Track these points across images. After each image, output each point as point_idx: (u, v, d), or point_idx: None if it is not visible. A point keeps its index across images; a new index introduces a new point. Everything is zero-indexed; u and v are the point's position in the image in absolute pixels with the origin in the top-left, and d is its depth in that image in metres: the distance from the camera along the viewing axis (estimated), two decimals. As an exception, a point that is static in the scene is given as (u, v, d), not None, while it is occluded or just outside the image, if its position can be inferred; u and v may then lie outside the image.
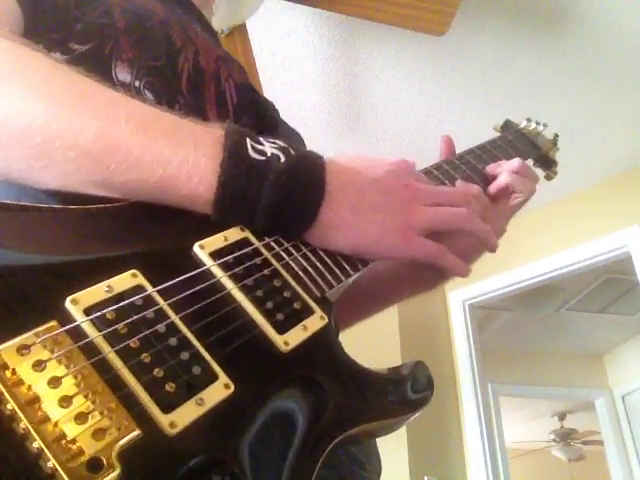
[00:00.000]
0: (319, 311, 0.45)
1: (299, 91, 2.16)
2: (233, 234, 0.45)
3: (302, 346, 0.42)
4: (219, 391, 0.36)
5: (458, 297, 2.97)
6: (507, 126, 0.83)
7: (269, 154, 0.45)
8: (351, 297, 0.68)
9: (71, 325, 0.34)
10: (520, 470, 5.09)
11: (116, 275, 0.38)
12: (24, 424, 0.29)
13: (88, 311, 0.35)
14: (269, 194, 0.43)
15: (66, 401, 0.30)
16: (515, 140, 0.77)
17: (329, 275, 0.48)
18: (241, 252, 0.45)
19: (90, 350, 0.33)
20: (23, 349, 0.31)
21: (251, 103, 0.70)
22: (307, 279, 0.47)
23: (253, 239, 0.46)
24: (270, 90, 1.57)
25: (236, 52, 1.59)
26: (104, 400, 0.31)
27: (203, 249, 0.43)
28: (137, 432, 0.31)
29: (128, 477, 0.30)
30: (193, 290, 0.40)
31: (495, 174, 0.66)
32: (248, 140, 0.45)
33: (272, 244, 0.47)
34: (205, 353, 0.37)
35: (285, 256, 0.47)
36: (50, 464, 0.28)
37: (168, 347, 0.36)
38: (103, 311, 0.35)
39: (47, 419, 0.29)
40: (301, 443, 0.38)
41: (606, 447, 4.39)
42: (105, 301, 0.36)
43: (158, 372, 0.34)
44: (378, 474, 0.60)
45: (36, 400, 0.30)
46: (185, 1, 0.75)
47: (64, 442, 0.29)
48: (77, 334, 0.33)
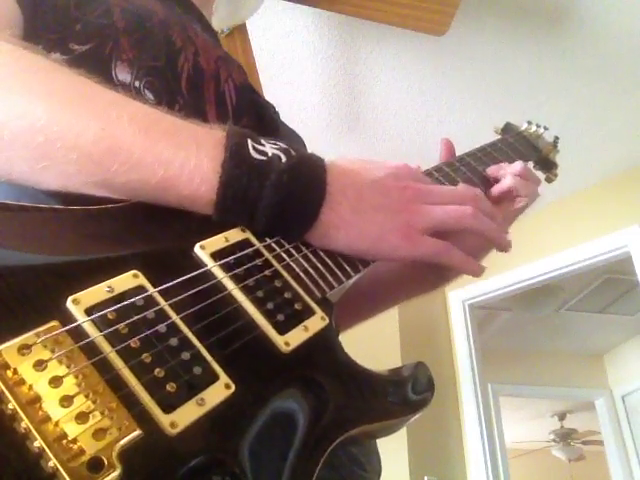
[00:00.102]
0: (320, 312, 0.45)
1: (299, 91, 2.16)
2: (234, 235, 0.45)
3: (303, 347, 0.42)
4: (220, 391, 0.36)
5: (458, 297, 2.97)
6: (508, 129, 0.83)
7: (270, 154, 0.45)
8: (352, 298, 0.68)
9: (72, 325, 0.34)
10: (520, 470, 5.09)
11: (117, 275, 0.38)
12: (25, 424, 0.29)
13: (89, 311, 0.35)
14: (270, 194, 0.44)
15: (67, 401, 0.30)
16: (516, 142, 0.77)
17: (330, 276, 0.48)
18: (242, 253, 0.45)
19: (91, 350, 0.33)
20: (24, 349, 0.31)
21: (251, 104, 0.70)
22: (308, 280, 0.47)
23: (254, 240, 0.46)
24: (270, 90, 1.57)
25: (236, 52, 1.59)
26: (105, 400, 0.31)
27: (204, 250, 0.43)
28: (138, 432, 0.31)
29: (129, 477, 0.30)
30: (194, 291, 0.40)
31: (497, 176, 0.66)
32: (249, 141, 0.45)
33: (273, 245, 0.47)
34: (206, 353, 0.37)
35: (286, 257, 0.47)
36: (51, 464, 0.28)
37: (169, 347, 0.36)
38: (104, 311, 0.35)
39: (48, 419, 0.29)
40: (302, 444, 0.38)
41: (606, 447, 4.39)
42: (106, 301, 0.36)
43: (159, 372, 0.34)
44: (378, 474, 0.60)
45: (37, 400, 0.30)
46: (185, 1, 0.75)
47: (65, 442, 0.29)
48: (78, 334, 0.34)
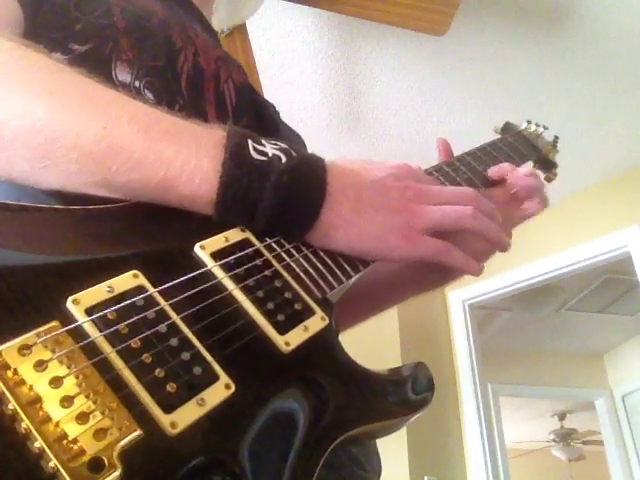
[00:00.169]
0: (320, 312, 0.45)
1: (299, 91, 2.16)
2: (234, 235, 0.45)
3: (303, 347, 0.42)
4: (220, 391, 0.36)
5: (458, 297, 2.97)
6: (507, 128, 0.83)
7: (270, 155, 0.45)
8: (352, 298, 0.68)
9: (72, 325, 0.34)
10: (520, 470, 5.09)
11: (117, 275, 0.38)
12: (25, 424, 0.29)
13: (89, 311, 0.35)
14: (270, 194, 0.43)
15: (67, 401, 0.30)
16: (515, 142, 0.77)
17: (330, 276, 0.48)
18: (242, 253, 0.45)
19: (91, 350, 0.33)
20: (24, 349, 0.31)
21: (251, 104, 0.70)
22: (308, 280, 0.47)
23: (254, 240, 0.46)
24: (270, 90, 1.57)
25: (236, 52, 1.59)
26: (105, 400, 0.31)
27: (204, 250, 0.43)
28: (138, 432, 0.31)
29: (129, 477, 0.30)
30: (194, 291, 0.40)
31: (500, 177, 0.66)
32: (249, 141, 0.45)
33: (273, 245, 0.47)
34: (206, 353, 0.37)
35: (286, 257, 0.47)
36: (51, 464, 0.28)
37: (169, 347, 0.36)
38: (104, 311, 0.35)
39: (48, 419, 0.29)
40: (302, 444, 0.37)
41: (606, 447, 4.39)
42: (106, 301, 0.36)
43: (159, 372, 0.34)
44: (378, 474, 0.60)
45: (37, 400, 0.30)
46: (185, 1, 0.75)
47: (65, 442, 0.29)
48: (78, 334, 0.34)
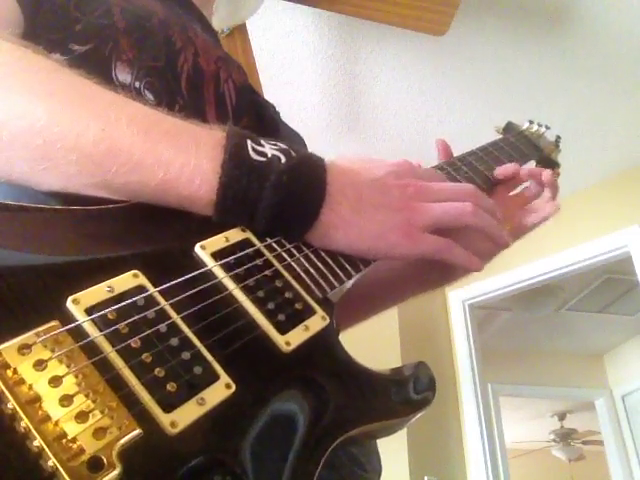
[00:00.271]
0: (321, 311, 0.45)
1: (299, 91, 2.16)
2: (234, 235, 0.45)
3: (304, 346, 0.42)
4: (220, 391, 0.36)
5: (458, 297, 2.97)
6: (509, 128, 0.83)
7: (269, 155, 0.45)
8: (353, 298, 0.68)
9: (72, 325, 0.34)
10: (520, 470, 5.08)
11: (118, 275, 0.38)
12: (25, 423, 0.29)
13: (89, 311, 0.35)
14: (270, 195, 0.43)
15: (67, 400, 0.30)
16: (517, 142, 0.77)
17: (331, 276, 0.48)
18: (242, 253, 0.45)
19: (91, 350, 0.33)
20: (24, 348, 0.31)
21: (251, 104, 0.70)
22: (309, 280, 0.47)
23: (254, 240, 0.46)
24: (270, 90, 1.57)
25: (236, 52, 1.59)
26: (105, 399, 0.31)
27: (204, 250, 0.43)
28: (138, 431, 0.31)
29: (128, 476, 0.30)
30: (194, 290, 0.40)
31: (505, 177, 0.66)
32: (249, 142, 0.45)
33: (274, 245, 0.47)
34: (206, 353, 0.37)
35: (287, 257, 0.47)
36: (50, 463, 0.28)
37: (169, 347, 0.36)
38: (104, 311, 0.35)
39: (48, 418, 0.29)
40: (302, 444, 0.37)
41: (606, 447, 4.39)
42: (106, 301, 0.36)
43: (159, 372, 0.34)
44: (378, 474, 0.60)
45: (37, 399, 0.30)
46: (185, 1, 0.75)
47: (65, 441, 0.29)
48: (78, 334, 0.33)
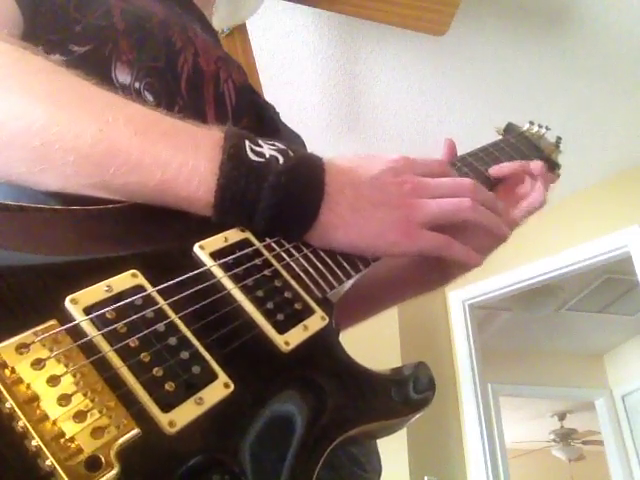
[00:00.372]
0: (320, 311, 0.45)
1: (299, 91, 2.16)
2: (233, 235, 0.45)
3: (303, 346, 0.42)
4: (219, 390, 0.36)
5: (458, 297, 2.97)
6: (509, 129, 0.83)
7: (268, 156, 0.45)
8: (352, 298, 0.68)
9: (70, 324, 0.34)
10: (520, 470, 5.08)
11: (116, 275, 0.38)
12: (23, 422, 0.29)
13: (88, 310, 0.35)
14: (268, 195, 0.43)
15: (65, 399, 0.30)
16: (518, 143, 0.77)
17: (330, 276, 0.48)
18: (241, 253, 0.45)
19: (89, 349, 0.33)
20: (22, 348, 0.31)
21: (251, 104, 0.70)
22: (308, 280, 0.47)
23: (254, 240, 0.46)
24: (270, 90, 1.57)
25: (236, 52, 1.59)
26: (103, 399, 0.31)
27: (203, 250, 0.43)
28: (136, 431, 0.31)
29: (127, 476, 0.30)
30: (193, 290, 0.40)
31: (502, 176, 0.66)
32: (247, 142, 0.45)
33: (273, 245, 0.47)
34: (205, 353, 0.37)
35: (286, 257, 0.47)
36: (48, 462, 0.28)
37: (168, 346, 0.36)
38: (102, 310, 0.35)
39: (46, 417, 0.29)
40: (301, 444, 0.37)
41: (606, 447, 4.38)
42: (105, 300, 0.36)
43: (157, 371, 0.34)
44: (378, 474, 0.60)
45: (35, 398, 0.30)
46: (185, 1, 0.75)
47: (63, 440, 0.29)
48: (76, 333, 0.33)
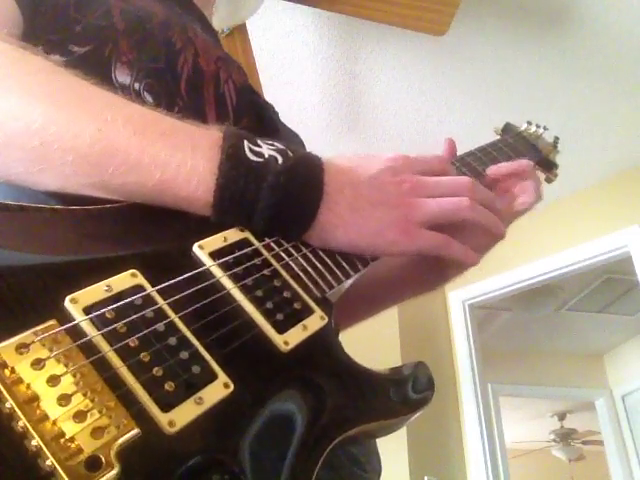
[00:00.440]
0: (319, 311, 0.45)
1: (299, 91, 2.16)
2: (233, 235, 0.45)
3: (302, 346, 0.42)
4: (218, 390, 0.36)
5: (458, 297, 2.97)
6: (507, 129, 0.83)
7: (267, 156, 0.45)
8: (352, 298, 0.68)
9: (70, 324, 0.34)
10: (520, 470, 5.08)
11: (116, 275, 0.38)
12: (23, 422, 0.29)
13: (87, 310, 0.35)
14: (267, 195, 0.43)
15: (65, 399, 0.30)
16: (516, 143, 0.77)
17: (329, 275, 0.48)
18: (241, 252, 0.45)
19: (89, 349, 0.33)
20: (22, 348, 0.31)
21: (251, 105, 0.70)
22: (307, 279, 0.47)
23: (253, 240, 0.46)
24: (270, 90, 1.57)
25: (236, 52, 1.59)
26: (103, 399, 0.31)
27: (203, 249, 0.43)
28: (136, 431, 0.31)
29: (127, 476, 0.30)
30: (193, 290, 0.40)
31: (500, 176, 0.66)
32: (246, 142, 0.45)
33: (272, 245, 0.47)
34: (204, 352, 0.37)
35: (285, 257, 0.47)
36: (48, 462, 0.28)
37: (167, 346, 0.36)
38: (102, 310, 0.35)
39: (46, 417, 0.29)
40: (300, 443, 0.37)
41: (606, 447, 4.38)
42: (104, 300, 0.36)
43: (157, 371, 0.34)
44: (378, 474, 0.60)
45: (35, 398, 0.30)
46: (185, 1, 0.75)
47: (63, 440, 0.29)
48: (76, 333, 0.33)
